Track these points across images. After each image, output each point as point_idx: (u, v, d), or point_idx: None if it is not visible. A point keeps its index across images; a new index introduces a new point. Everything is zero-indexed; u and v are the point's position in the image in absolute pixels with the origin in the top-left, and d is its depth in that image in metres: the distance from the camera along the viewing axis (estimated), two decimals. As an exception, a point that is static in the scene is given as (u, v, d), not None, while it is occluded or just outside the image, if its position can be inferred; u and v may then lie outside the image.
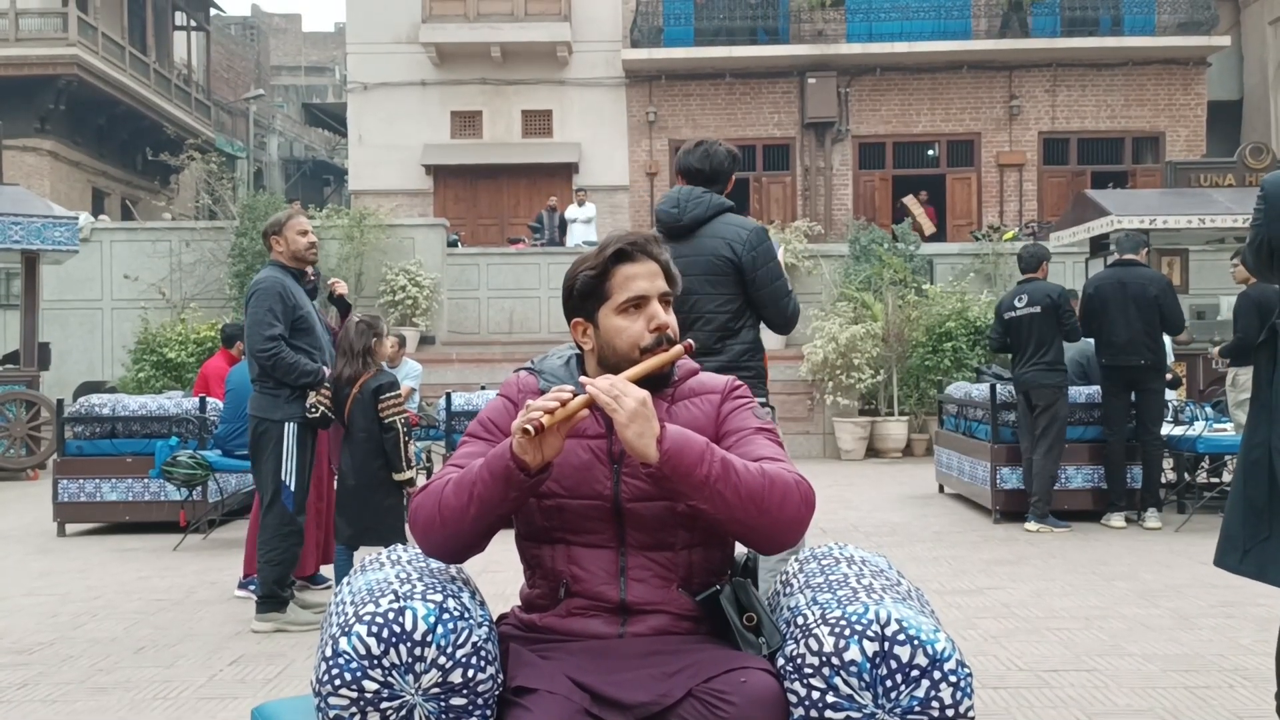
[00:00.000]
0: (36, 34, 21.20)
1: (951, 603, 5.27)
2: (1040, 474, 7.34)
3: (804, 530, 1.96)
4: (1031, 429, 7.42)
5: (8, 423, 11.10)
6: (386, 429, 4.99)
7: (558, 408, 1.86)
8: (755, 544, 1.97)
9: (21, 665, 4.40)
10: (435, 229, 16.58)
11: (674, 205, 4.00)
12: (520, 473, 1.88)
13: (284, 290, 4.89)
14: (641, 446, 1.83)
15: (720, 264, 3.90)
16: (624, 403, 1.84)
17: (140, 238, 16.40)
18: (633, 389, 1.87)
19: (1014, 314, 7.41)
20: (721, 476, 1.85)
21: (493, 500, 1.93)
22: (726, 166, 4.15)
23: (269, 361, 4.80)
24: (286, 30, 42.87)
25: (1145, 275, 7.50)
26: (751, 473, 1.89)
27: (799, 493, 1.92)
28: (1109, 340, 7.39)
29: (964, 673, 1.78)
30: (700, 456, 1.85)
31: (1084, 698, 3.81)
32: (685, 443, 1.86)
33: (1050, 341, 7.30)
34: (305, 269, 5.11)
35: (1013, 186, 20.90)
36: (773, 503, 1.89)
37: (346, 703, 1.77)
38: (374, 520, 5.00)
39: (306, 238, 5.01)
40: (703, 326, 3.87)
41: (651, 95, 20.92)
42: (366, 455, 5.02)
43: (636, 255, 2.10)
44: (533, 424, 1.84)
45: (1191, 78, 20.73)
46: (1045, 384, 7.30)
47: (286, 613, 4.92)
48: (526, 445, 1.86)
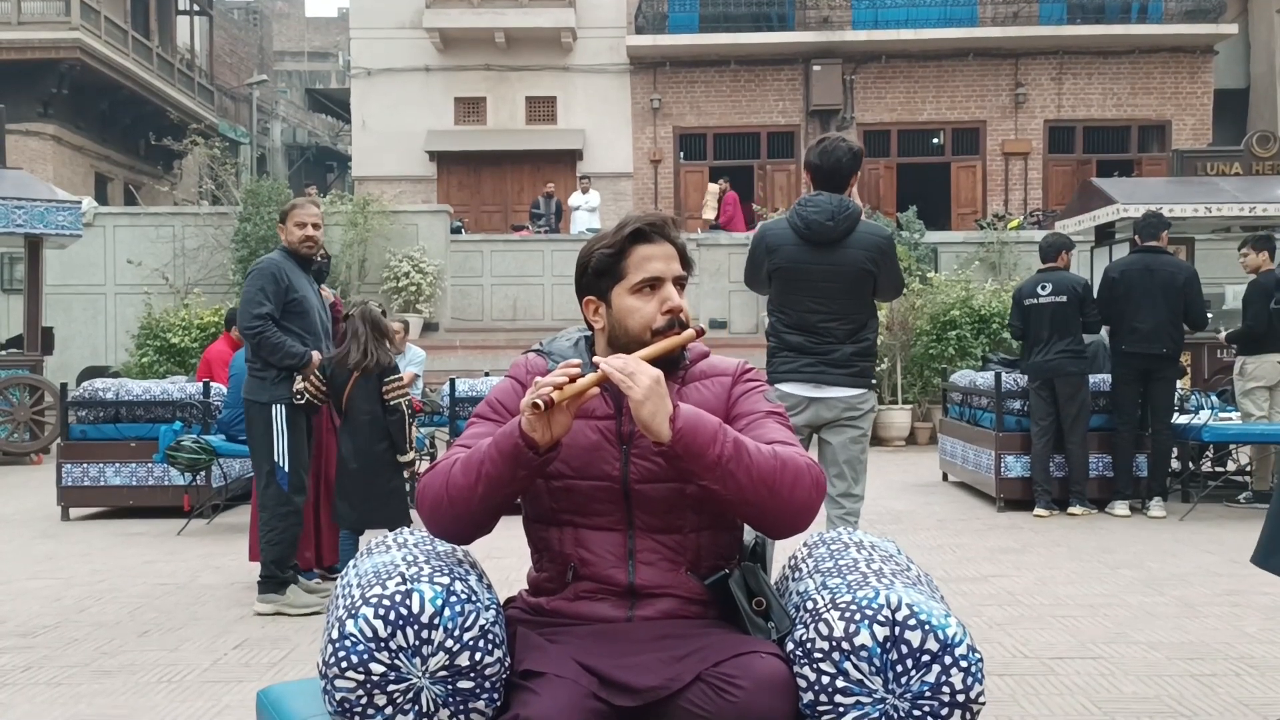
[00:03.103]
0: (39, 18, 21.13)
1: (956, 590, 5.27)
2: (1080, 460, 7.38)
3: (814, 515, 1.95)
4: (1046, 417, 7.40)
5: (11, 407, 11.10)
6: (392, 411, 5.00)
7: (567, 383, 1.84)
8: (765, 527, 1.96)
9: (26, 648, 4.40)
10: (439, 215, 16.57)
11: (830, 218, 4.16)
12: (529, 450, 1.87)
13: (278, 272, 4.89)
14: (655, 425, 1.82)
15: (864, 276, 4.20)
16: (639, 380, 1.82)
17: (143, 223, 16.38)
18: (647, 367, 1.85)
19: (1035, 302, 7.37)
20: (734, 457, 1.84)
21: (501, 479, 1.91)
22: (846, 164, 4.24)
23: (255, 339, 4.82)
24: (290, 15, 42.76)
25: (1173, 263, 7.44)
26: (764, 455, 1.88)
27: (810, 476, 1.91)
28: (1132, 326, 7.29)
29: (975, 658, 1.77)
30: (713, 436, 1.84)
31: (1090, 685, 3.80)
32: (698, 422, 1.85)
33: (1074, 330, 7.29)
34: (312, 256, 5.09)
35: (1018, 175, 20.85)
36: (784, 486, 1.88)
37: (353, 685, 1.76)
38: (379, 503, 5.00)
39: (303, 231, 4.97)
40: (841, 325, 4.20)
41: (656, 82, 20.87)
42: (370, 439, 5.02)
43: (654, 236, 2.08)
44: (543, 399, 1.82)
45: (1198, 66, 20.66)
46: (1072, 371, 7.30)
47: (287, 595, 4.91)
48: (535, 422, 1.85)
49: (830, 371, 4.18)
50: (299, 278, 4.98)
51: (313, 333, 4.96)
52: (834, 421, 4.23)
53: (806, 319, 4.22)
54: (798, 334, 4.23)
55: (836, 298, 4.19)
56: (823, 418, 4.23)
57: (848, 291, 4.20)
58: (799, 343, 4.22)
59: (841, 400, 4.19)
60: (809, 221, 4.17)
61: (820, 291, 4.19)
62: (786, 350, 4.26)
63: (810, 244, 4.18)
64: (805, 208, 4.21)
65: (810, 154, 4.29)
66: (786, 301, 4.28)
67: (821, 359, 4.19)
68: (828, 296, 4.18)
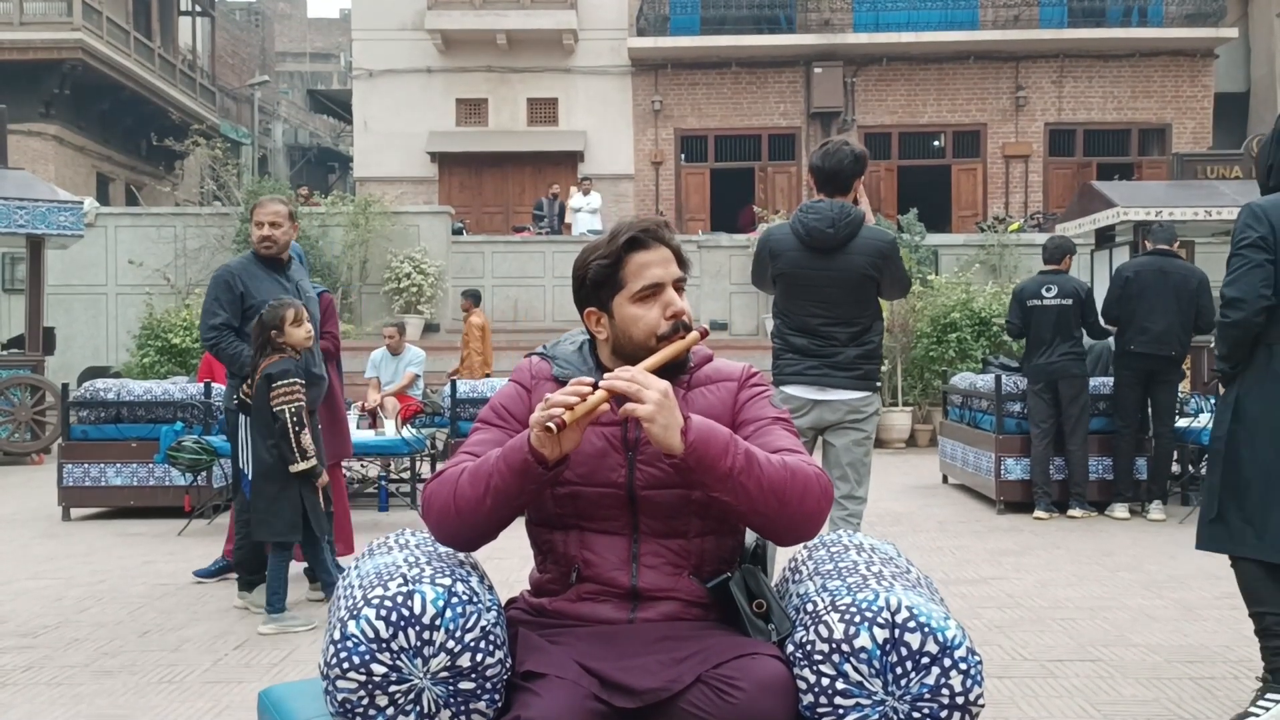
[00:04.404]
0: (41, 18, 21.15)
1: (956, 592, 5.27)
2: (1081, 462, 7.41)
3: (822, 523, 1.96)
4: (1047, 419, 7.41)
5: (13, 407, 11.11)
6: (275, 418, 4.62)
7: (578, 403, 1.84)
8: (774, 536, 1.97)
9: (27, 649, 4.40)
10: (440, 216, 16.58)
11: (830, 225, 4.18)
12: (538, 466, 1.88)
13: (232, 280, 4.89)
14: (667, 439, 1.82)
15: (866, 281, 4.22)
16: (648, 395, 1.82)
17: (145, 223, 16.40)
18: (655, 381, 1.85)
19: (1039, 303, 7.37)
20: (745, 469, 1.84)
21: (509, 493, 1.92)
22: (848, 167, 4.25)
23: (212, 349, 4.87)
24: (291, 16, 42.81)
25: (1186, 268, 7.46)
26: (774, 465, 1.88)
27: (819, 486, 1.92)
28: (1143, 326, 7.26)
29: (974, 660, 1.78)
30: (725, 448, 1.84)
31: (1089, 688, 3.81)
32: (710, 434, 1.85)
33: (1076, 333, 7.35)
34: (277, 257, 5.01)
35: (1018, 178, 20.87)
36: (794, 496, 1.88)
37: (355, 686, 1.77)
38: (263, 512, 4.67)
39: (260, 231, 4.93)
40: (844, 329, 4.22)
41: (657, 84, 20.88)
42: (259, 446, 4.73)
43: (650, 242, 2.07)
44: (555, 422, 1.82)
45: (1199, 69, 20.67)
46: (1076, 373, 7.34)
47: (253, 594, 4.96)
48: (545, 439, 1.85)
49: (834, 374, 4.20)
50: (260, 281, 4.93)
51: None
52: (838, 424, 4.25)
53: (810, 323, 4.24)
54: (802, 337, 4.26)
55: (839, 303, 4.21)
56: (826, 420, 4.24)
57: (850, 296, 4.21)
58: (803, 345, 4.25)
59: (845, 403, 4.21)
60: (810, 228, 4.20)
61: (823, 297, 4.21)
62: (791, 353, 4.29)
63: (812, 250, 4.21)
64: (807, 214, 4.24)
65: (813, 157, 4.32)
66: (790, 306, 4.31)
67: (825, 362, 4.21)
68: (830, 302, 4.21)
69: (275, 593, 4.65)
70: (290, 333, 4.65)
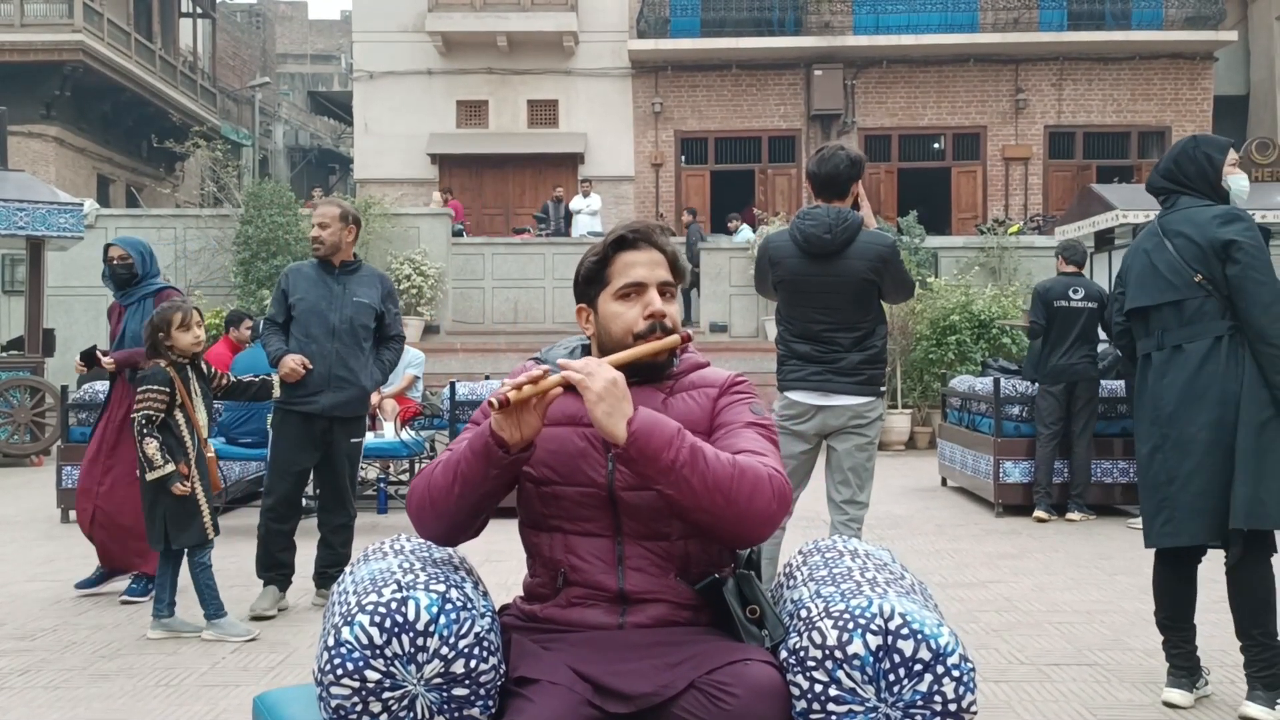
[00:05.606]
0: (42, 20, 21.15)
1: (953, 596, 5.27)
2: (1083, 465, 7.45)
3: (774, 527, 1.92)
4: (1058, 420, 7.43)
5: (12, 409, 11.11)
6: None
7: (526, 383, 1.87)
8: (721, 537, 1.94)
9: (24, 651, 4.40)
10: (440, 218, 16.57)
11: (827, 231, 4.18)
12: (499, 449, 1.90)
13: (284, 278, 5.10)
14: (610, 425, 1.83)
15: (866, 285, 4.21)
16: (593, 380, 1.84)
17: (145, 225, 16.37)
18: (606, 368, 1.87)
19: (1066, 305, 7.37)
20: (688, 463, 1.83)
21: (475, 478, 1.94)
22: (844, 171, 4.24)
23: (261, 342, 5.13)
24: (292, 18, 42.81)
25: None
26: (721, 462, 1.87)
27: (771, 487, 1.89)
28: None
29: (967, 667, 1.78)
30: (668, 441, 1.83)
31: (1086, 692, 3.81)
32: (655, 426, 1.84)
33: (1094, 337, 7.39)
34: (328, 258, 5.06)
35: (1018, 180, 20.87)
36: (741, 494, 1.86)
37: (348, 692, 1.77)
38: (146, 521, 4.56)
39: (312, 231, 5.04)
40: (846, 334, 4.22)
41: (657, 86, 20.88)
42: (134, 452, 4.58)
43: (639, 243, 2.10)
44: (498, 398, 1.86)
45: (1198, 72, 20.67)
46: (1093, 376, 7.41)
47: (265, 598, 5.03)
48: (503, 422, 1.88)
49: (837, 380, 4.21)
50: (305, 281, 5.02)
51: (310, 336, 4.97)
52: (841, 429, 4.25)
53: (812, 329, 4.25)
54: (804, 343, 4.27)
55: (840, 308, 4.22)
56: (830, 425, 4.25)
57: (851, 302, 4.22)
58: (806, 351, 4.26)
59: (848, 408, 4.22)
60: (807, 235, 4.21)
61: (823, 302, 4.22)
62: (794, 359, 4.30)
63: (811, 256, 4.22)
64: (804, 221, 4.24)
65: (809, 163, 4.33)
66: (792, 312, 4.32)
67: (828, 367, 4.21)
68: (831, 307, 4.22)
69: (159, 599, 4.62)
70: (177, 337, 4.52)
